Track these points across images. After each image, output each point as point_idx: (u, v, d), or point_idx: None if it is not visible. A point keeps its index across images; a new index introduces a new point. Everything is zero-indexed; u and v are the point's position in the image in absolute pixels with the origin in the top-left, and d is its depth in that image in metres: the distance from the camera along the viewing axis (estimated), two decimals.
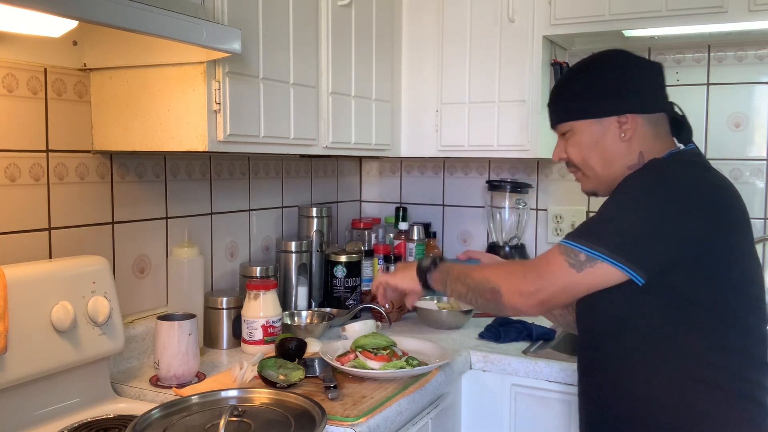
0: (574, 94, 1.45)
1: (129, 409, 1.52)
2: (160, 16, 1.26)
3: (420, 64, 2.42)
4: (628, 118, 1.39)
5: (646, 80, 1.43)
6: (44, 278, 1.44)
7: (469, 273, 1.39)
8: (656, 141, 1.42)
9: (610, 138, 1.41)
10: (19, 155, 1.54)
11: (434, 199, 2.86)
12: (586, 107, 1.42)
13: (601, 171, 1.43)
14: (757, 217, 2.39)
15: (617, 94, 1.40)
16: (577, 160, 1.46)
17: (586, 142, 1.43)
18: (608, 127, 1.41)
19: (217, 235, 2.14)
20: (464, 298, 1.40)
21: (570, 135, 1.45)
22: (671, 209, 1.26)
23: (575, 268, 1.28)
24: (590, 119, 1.42)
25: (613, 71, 1.43)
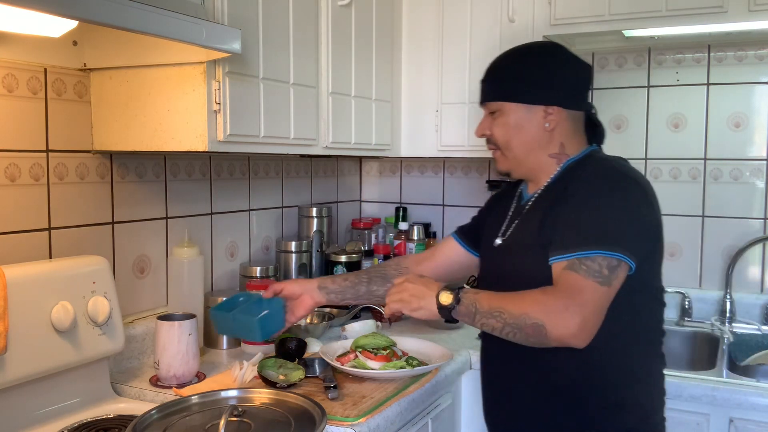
0: (511, 76, 1.50)
1: (129, 409, 1.52)
2: (160, 16, 1.26)
3: (420, 64, 2.42)
4: (554, 109, 1.47)
5: (576, 78, 1.51)
6: (44, 278, 1.44)
7: (503, 308, 1.34)
8: (575, 136, 1.51)
9: (534, 125, 1.48)
10: (19, 155, 1.54)
11: (434, 199, 2.86)
12: (519, 91, 1.49)
13: (520, 154, 1.51)
14: (757, 217, 2.39)
15: (550, 85, 1.47)
16: (501, 140, 1.52)
17: (512, 124, 1.49)
18: (535, 114, 1.48)
19: (217, 235, 2.14)
20: (499, 332, 1.35)
21: (498, 114, 1.51)
22: (641, 201, 1.38)
23: (606, 284, 1.30)
24: (520, 103, 1.48)
25: (550, 63, 1.49)
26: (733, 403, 1.78)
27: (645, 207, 1.38)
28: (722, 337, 2.24)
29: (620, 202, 1.35)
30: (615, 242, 1.31)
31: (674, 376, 1.87)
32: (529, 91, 1.48)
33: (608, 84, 2.57)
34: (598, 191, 1.37)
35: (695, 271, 2.48)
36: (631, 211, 1.36)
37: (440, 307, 1.41)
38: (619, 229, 1.33)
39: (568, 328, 1.28)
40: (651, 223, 1.39)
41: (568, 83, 1.48)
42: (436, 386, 1.73)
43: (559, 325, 1.29)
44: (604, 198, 1.36)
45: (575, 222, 1.35)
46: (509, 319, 1.33)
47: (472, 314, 1.38)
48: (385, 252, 2.56)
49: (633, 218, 1.35)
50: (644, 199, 1.38)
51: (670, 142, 2.49)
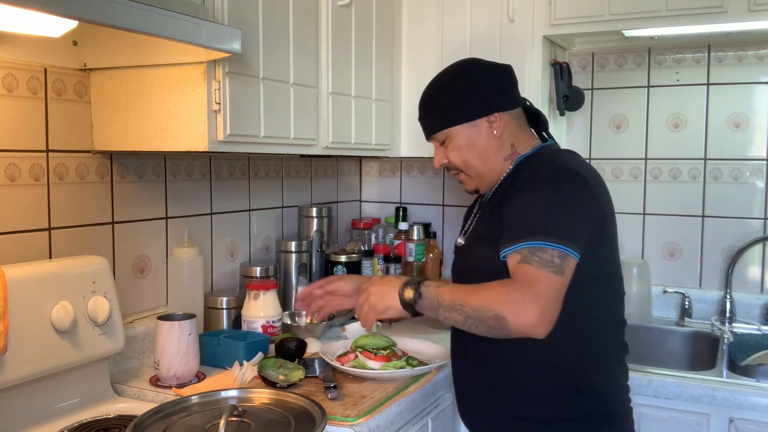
0: (445, 104, 1.56)
1: (129, 409, 1.52)
2: (160, 16, 1.26)
3: (420, 64, 2.42)
4: (495, 116, 1.53)
5: (502, 81, 1.57)
6: (44, 278, 1.44)
7: (464, 301, 1.37)
8: (522, 133, 1.57)
9: (483, 136, 1.54)
10: (19, 155, 1.54)
11: (434, 199, 2.86)
12: (459, 114, 1.54)
13: (481, 168, 1.56)
14: (757, 217, 2.39)
15: (483, 96, 1.53)
16: (459, 163, 1.57)
17: (464, 145, 1.55)
18: (480, 127, 1.54)
19: (217, 235, 2.14)
20: (461, 325, 1.38)
21: (448, 141, 1.56)
22: (580, 191, 1.41)
23: (559, 273, 1.33)
24: (464, 123, 1.54)
25: (475, 78, 1.55)
26: (733, 403, 1.78)
27: (585, 196, 1.41)
28: (722, 337, 2.24)
29: (559, 193, 1.39)
30: (557, 234, 1.34)
31: (674, 376, 1.87)
32: (466, 110, 1.53)
33: (608, 84, 2.57)
34: (539, 183, 1.42)
35: (695, 271, 2.48)
36: (570, 201, 1.39)
37: (404, 303, 1.44)
38: (560, 221, 1.37)
39: (528, 319, 1.31)
40: (593, 212, 1.42)
41: (496, 88, 1.54)
42: (436, 386, 1.73)
43: (519, 316, 1.31)
44: (545, 190, 1.41)
45: (519, 214, 1.40)
46: (470, 312, 1.36)
47: (435, 308, 1.41)
48: (385, 252, 2.56)
49: (572, 208, 1.39)
50: (584, 189, 1.41)
51: (670, 142, 2.49)
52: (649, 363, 2.06)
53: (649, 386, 1.87)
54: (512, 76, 1.59)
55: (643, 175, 2.54)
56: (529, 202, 1.40)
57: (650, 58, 2.50)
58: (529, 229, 1.36)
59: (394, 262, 2.55)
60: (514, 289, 1.34)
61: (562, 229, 1.35)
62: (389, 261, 2.55)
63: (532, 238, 1.34)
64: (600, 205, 1.43)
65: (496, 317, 1.32)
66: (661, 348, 2.38)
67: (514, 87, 1.59)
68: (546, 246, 1.33)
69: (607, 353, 1.49)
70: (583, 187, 1.41)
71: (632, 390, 1.58)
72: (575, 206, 1.39)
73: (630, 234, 2.55)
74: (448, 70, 1.61)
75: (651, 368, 1.94)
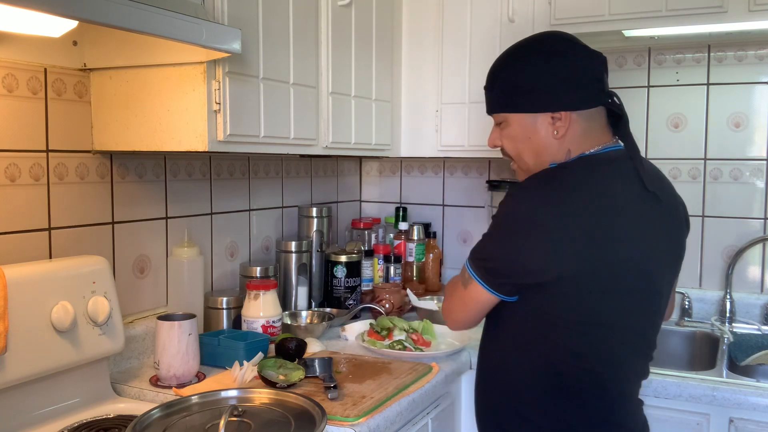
0: (510, 84, 1.40)
1: (129, 409, 1.52)
2: (160, 16, 1.26)
3: (420, 64, 2.42)
4: (562, 115, 1.35)
5: (585, 74, 1.37)
6: (44, 278, 1.44)
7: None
8: (587, 137, 1.38)
9: (542, 133, 1.38)
10: (19, 155, 1.54)
11: (434, 199, 2.86)
12: (521, 101, 1.38)
13: (533, 164, 1.41)
14: (757, 217, 2.39)
15: (554, 88, 1.35)
16: (511, 152, 1.45)
17: (519, 136, 1.41)
18: (541, 122, 1.37)
19: (217, 235, 2.14)
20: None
21: (504, 125, 1.43)
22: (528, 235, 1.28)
23: (463, 285, 1.40)
24: (525, 113, 1.39)
25: (553, 62, 1.36)
26: (733, 403, 1.78)
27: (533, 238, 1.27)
28: (722, 337, 2.24)
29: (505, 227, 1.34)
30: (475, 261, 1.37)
31: (674, 376, 1.87)
32: (530, 99, 1.37)
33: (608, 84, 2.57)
34: (498, 213, 1.35)
35: (695, 271, 2.48)
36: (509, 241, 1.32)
37: None
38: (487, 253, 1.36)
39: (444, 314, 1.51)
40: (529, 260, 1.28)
41: (574, 83, 1.35)
42: (436, 386, 1.73)
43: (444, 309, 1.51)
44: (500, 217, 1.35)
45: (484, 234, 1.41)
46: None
47: None
48: (385, 252, 2.56)
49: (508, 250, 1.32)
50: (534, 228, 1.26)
51: (670, 142, 2.49)
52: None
53: (649, 386, 1.87)
54: (599, 69, 1.39)
55: None
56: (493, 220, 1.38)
57: (650, 58, 2.50)
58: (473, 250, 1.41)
59: (394, 262, 2.55)
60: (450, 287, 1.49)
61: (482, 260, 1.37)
62: (389, 261, 2.55)
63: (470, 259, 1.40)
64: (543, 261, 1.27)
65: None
66: (661, 348, 2.35)
67: (598, 81, 1.38)
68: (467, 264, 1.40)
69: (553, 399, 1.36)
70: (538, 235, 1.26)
71: None
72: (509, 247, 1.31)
73: None
74: (529, 43, 1.42)
75: (651, 368, 1.93)
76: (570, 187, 1.31)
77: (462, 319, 1.46)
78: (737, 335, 2.27)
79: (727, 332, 2.27)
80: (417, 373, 1.72)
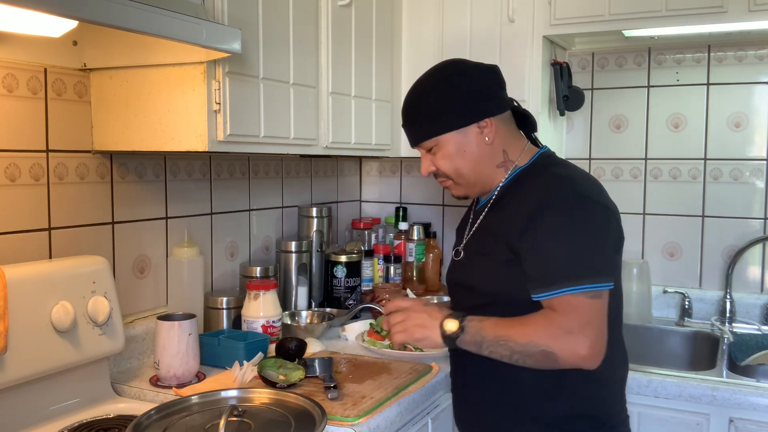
0: (432, 110, 1.48)
1: (129, 409, 1.52)
2: (160, 16, 1.26)
3: (420, 64, 2.40)
4: (486, 122, 1.46)
5: (490, 84, 1.49)
6: (44, 278, 1.44)
7: (509, 336, 1.35)
8: (512, 137, 1.52)
9: (474, 144, 1.47)
10: (19, 155, 1.54)
11: (434, 199, 2.86)
12: (448, 121, 1.47)
13: (472, 176, 1.50)
14: (757, 217, 2.39)
15: (472, 102, 1.46)
16: (449, 171, 1.51)
17: (454, 153, 1.48)
18: (471, 134, 1.47)
19: (217, 235, 2.14)
20: (508, 359, 1.37)
21: (436, 149, 1.50)
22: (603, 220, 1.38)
23: (597, 297, 1.33)
24: (454, 131, 1.47)
25: (463, 81, 1.47)
26: (733, 403, 1.78)
27: (612, 226, 1.39)
28: (722, 337, 2.24)
29: (587, 229, 1.36)
30: (591, 274, 1.33)
31: (674, 376, 1.87)
32: (455, 116, 1.46)
33: (608, 84, 2.57)
34: (561, 219, 1.36)
35: (695, 271, 2.48)
36: (597, 235, 1.36)
37: (444, 336, 1.42)
38: (592, 261, 1.35)
39: (577, 352, 1.31)
40: (617, 237, 1.41)
41: (486, 93, 1.47)
42: (436, 386, 1.73)
43: (568, 350, 1.31)
44: (570, 226, 1.35)
45: (547, 255, 1.36)
46: (516, 347, 1.35)
47: (478, 343, 1.39)
48: (385, 252, 2.56)
49: (603, 242, 1.37)
50: (608, 216, 1.39)
51: (670, 142, 2.49)
52: (649, 363, 2.06)
53: (649, 386, 1.87)
54: (500, 78, 1.53)
55: (643, 175, 2.54)
56: (557, 240, 1.35)
57: (650, 58, 2.50)
58: (561, 275, 1.33)
59: (394, 262, 2.55)
60: (557, 322, 1.32)
61: (595, 268, 1.34)
62: (389, 261, 2.55)
63: (565, 284, 1.32)
64: (618, 224, 1.42)
65: (544, 352, 1.32)
66: (661, 348, 2.38)
67: (503, 89, 1.53)
68: (586, 289, 1.32)
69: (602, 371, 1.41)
70: (606, 215, 1.39)
71: (632, 390, 1.58)
72: (604, 240, 1.37)
73: (630, 234, 2.51)
74: (433, 73, 1.52)
75: (651, 368, 1.94)
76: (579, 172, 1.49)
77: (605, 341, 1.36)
78: (737, 335, 2.27)
79: (727, 332, 2.27)
80: (417, 373, 1.72)
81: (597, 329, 1.32)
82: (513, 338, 1.35)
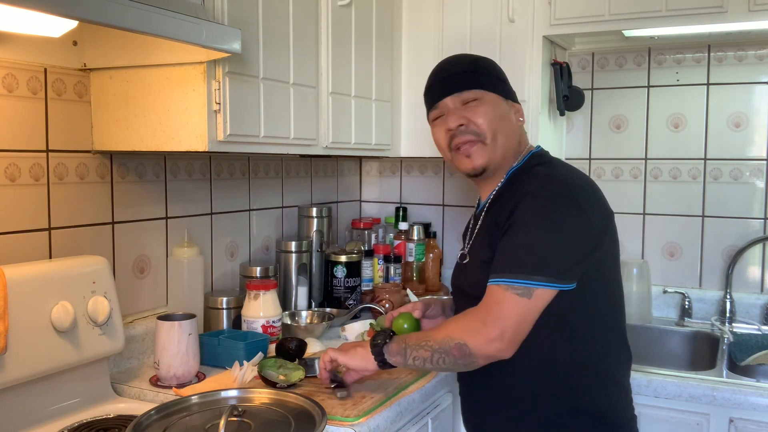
0: (494, 70, 1.56)
1: (129, 409, 1.52)
2: (160, 16, 1.26)
3: (420, 64, 2.42)
4: (519, 107, 1.57)
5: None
6: (44, 278, 1.44)
7: (427, 336, 1.38)
8: (523, 131, 1.59)
9: (513, 118, 1.54)
10: (19, 155, 1.54)
11: (434, 199, 2.86)
12: (502, 85, 1.55)
13: (502, 143, 1.50)
14: (757, 217, 2.39)
15: (510, 85, 1.58)
16: (485, 126, 1.48)
17: (497, 115, 1.50)
18: (511, 109, 1.55)
19: (217, 235, 2.14)
20: (429, 362, 1.37)
21: (477, 104, 1.49)
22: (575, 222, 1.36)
23: (526, 296, 1.32)
24: (502, 97, 1.53)
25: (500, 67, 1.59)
26: (733, 403, 1.78)
27: (579, 225, 1.36)
28: (722, 337, 2.24)
29: (553, 227, 1.35)
30: (535, 271, 1.32)
31: (674, 376, 1.87)
32: (507, 87, 1.56)
33: (608, 84, 2.57)
34: (534, 214, 1.37)
35: (695, 271, 2.48)
36: (559, 234, 1.34)
37: (373, 345, 1.44)
38: (542, 257, 1.33)
39: (488, 342, 1.31)
40: (588, 240, 1.37)
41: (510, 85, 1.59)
42: (436, 386, 1.74)
43: (479, 340, 1.32)
44: (539, 222, 1.36)
45: (509, 246, 1.37)
46: (435, 345, 1.36)
47: (402, 350, 1.40)
48: (385, 252, 2.56)
49: (561, 241, 1.34)
50: (578, 217, 1.36)
51: (670, 142, 2.49)
52: (649, 363, 2.06)
53: (649, 386, 1.87)
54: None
55: (643, 175, 2.54)
56: (516, 233, 1.37)
57: (650, 58, 2.50)
58: (507, 265, 1.34)
59: (394, 262, 2.55)
60: (474, 316, 1.34)
61: (536, 265, 1.32)
62: (389, 261, 2.55)
63: (506, 275, 1.33)
64: (595, 230, 1.39)
65: (458, 345, 1.33)
66: (661, 348, 2.38)
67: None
68: (516, 283, 1.32)
69: (609, 370, 1.46)
70: (577, 214, 1.36)
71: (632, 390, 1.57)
72: (563, 239, 1.35)
73: (630, 234, 2.55)
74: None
75: (651, 368, 1.94)
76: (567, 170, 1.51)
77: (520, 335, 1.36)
78: (737, 335, 2.27)
79: (727, 332, 2.27)
80: (417, 373, 1.72)
81: (511, 322, 1.31)
82: (432, 337, 1.36)
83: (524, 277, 1.32)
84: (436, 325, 1.43)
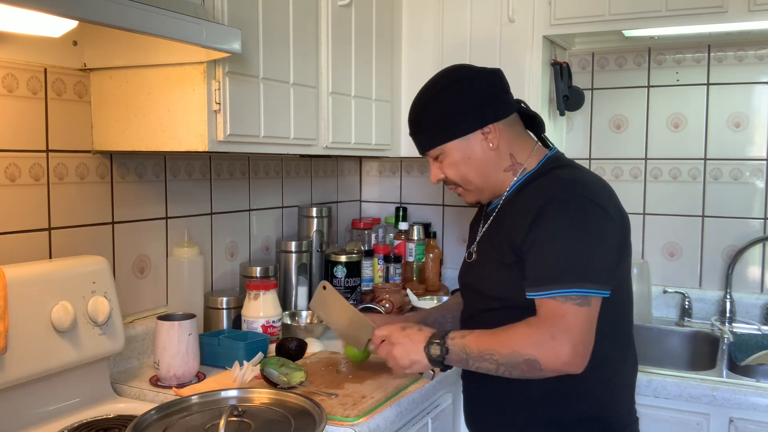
0: (434, 119, 1.49)
1: (129, 409, 1.52)
2: (160, 16, 1.26)
3: (420, 64, 2.42)
4: (489, 128, 1.47)
5: (493, 89, 1.50)
6: (44, 278, 1.44)
7: (493, 349, 1.36)
8: (519, 140, 1.52)
9: (479, 151, 1.48)
10: (19, 155, 1.54)
11: (434, 199, 2.86)
12: (451, 129, 1.48)
13: (480, 182, 1.51)
14: (757, 217, 2.39)
15: (475, 108, 1.47)
16: (457, 179, 1.52)
17: (459, 160, 1.49)
18: (475, 141, 1.48)
19: (217, 235, 2.14)
20: (495, 372, 1.37)
21: (443, 157, 1.51)
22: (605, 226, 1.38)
23: (585, 305, 1.32)
24: (457, 139, 1.48)
25: (464, 89, 1.48)
26: (733, 403, 1.78)
27: (611, 230, 1.38)
28: (722, 337, 2.24)
29: (585, 233, 1.35)
30: (587, 279, 1.32)
31: (674, 376, 1.87)
32: (458, 124, 1.47)
33: (608, 84, 2.57)
34: (560, 220, 1.36)
35: (695, 271, 2.48)
36: (596, 239, 1.35)
37: (431, 360, 1.43)
38: (587, 264, 1.33)
39: (560, 358, 1.30)
40: (617, 245, 1.39)
41: (487, 97, 1.48)
42: (436, 386, 1.73)
43: (551, 356, 1.31)
44: (569, 228, 1.35)
45: (544, 256, 1.36)
46: (501, 359, 1.35)
47: (464, 360, 1.40)
48: (385, 252, 2.56)
49: (600, 247, 1.35)
50: (608, 221, 1.38)
51: (670, 142, 2.50)
52: (649, 363, 2.06)
53: (649, 386, 1.87)
54: (503, 81, 1.52)
55: (643, 175, 2.54)
56: (553, 241, 1.35)
57: (650, 58, 2.50)
58: (556, 276, 1.33)
59: (394, 262, 2.55)
60: (540, 330, 1.32)
61: (586, 273, 1.32)
62: (389, 261, 2.55)
63: (560, 286, 1.32)
64: (621, 231, 1.41)
65: (528, 361, 1.32)
66: (661, 348, 2.38)
67: (506, 92, 1.52)
68: (573, 293, 1.31)
69: (613, 375, 1.46)
70: (605, 220, 1.37)
71: None
72: (600, 244, 1.35)
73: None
74: (436, 81, 1.53)
75: (651, 368, 1.94)
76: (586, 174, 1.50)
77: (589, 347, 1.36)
78: (737, 335, 2.27)
79: (727, 332, 2.27)
80: (417, 373, 1.71)
81: (579, 335, 1.31)
82: (497, 351, 1.35)
83: (579, 286, 1.31)
84: (492, 333, 1.38)
